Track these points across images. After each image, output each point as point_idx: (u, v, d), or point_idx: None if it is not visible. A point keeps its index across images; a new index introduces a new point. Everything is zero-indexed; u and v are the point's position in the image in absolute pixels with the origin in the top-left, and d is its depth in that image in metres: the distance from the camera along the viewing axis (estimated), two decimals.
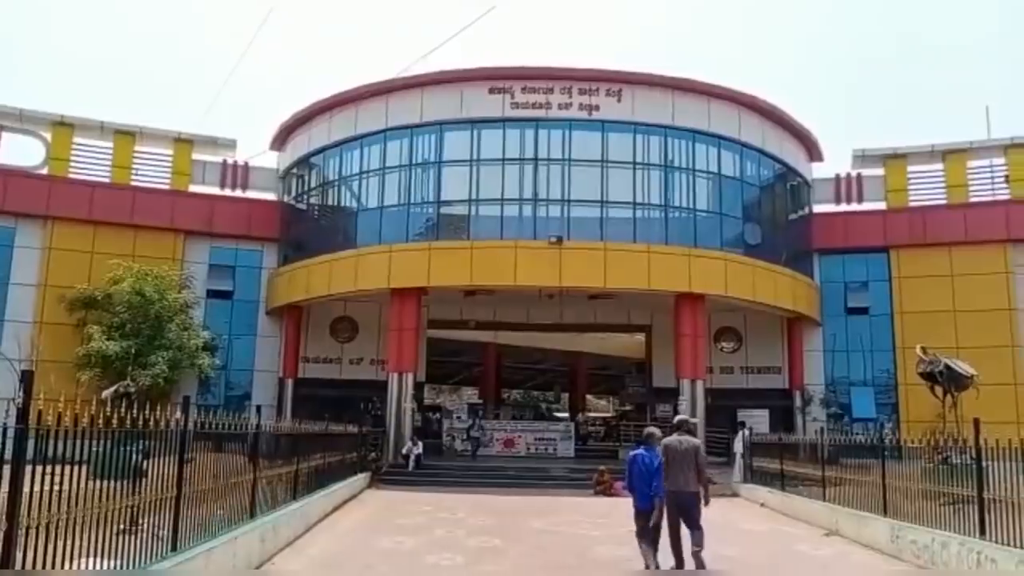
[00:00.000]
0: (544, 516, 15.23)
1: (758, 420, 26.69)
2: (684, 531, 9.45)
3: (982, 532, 9.15)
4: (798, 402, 28.53)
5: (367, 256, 25.94)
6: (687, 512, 9.43)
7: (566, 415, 43.71)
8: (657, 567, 8.94)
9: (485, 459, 25.31)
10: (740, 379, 29.72)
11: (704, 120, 26.75)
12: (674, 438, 9.76)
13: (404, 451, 23.15)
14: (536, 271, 24.30)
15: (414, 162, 26.78)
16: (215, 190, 30.68)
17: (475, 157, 26.16)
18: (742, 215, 27.69)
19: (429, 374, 33.97)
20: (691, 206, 26.80)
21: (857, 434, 15.68)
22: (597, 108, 26.03)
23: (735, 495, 19.94)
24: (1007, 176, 28.77)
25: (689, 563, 9.13)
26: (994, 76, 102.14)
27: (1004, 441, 8.96)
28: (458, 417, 31.47)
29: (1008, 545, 8.51)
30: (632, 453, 9.43)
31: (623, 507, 16.91)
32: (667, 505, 9.05)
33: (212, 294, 29.43)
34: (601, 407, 61.42)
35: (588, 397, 55.50)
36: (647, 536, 9.02)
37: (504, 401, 48.55)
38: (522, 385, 59.69)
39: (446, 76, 26.49)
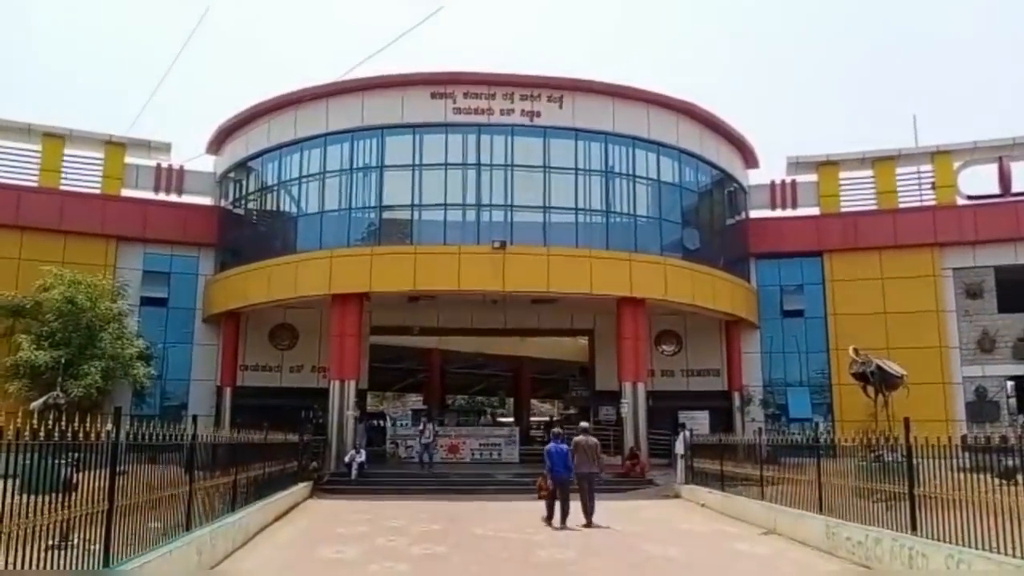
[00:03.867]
0: (488, 522, 15.20)
1: (698, 421, 27.17)
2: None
3: (913, 528, 9.43)
4: (737, 403, 29.09)
5: (307, 262, 25.57)
6: (589, 484, 14.78)
7: (511, 420, 43.78)
8: (551, 517, 14.54)
9: (429, 465, 25.14)
10: (681, 381, 30.18)
11: (643, 127, 27.14)
12: (581, 437, 15.31)
13: (346, 459, 22.84)
14: (480, 276, 24.29)
15: (355, 166, 26.53)
16: (149, 194, 29.90)
17: (417, 162, 26.03)
18: (681, 220, 28.12)
19: (372, 381, 33.65)
20: (631, 212, 27.12)
21: (794, 434, 16.01)
22: (539, 114, 26.17)
23: (677, 496, 20.22)
24: (934, 183, 29.88)
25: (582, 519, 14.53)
26: (923, 84, 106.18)
27: (933, 439, 9.23)
28: (402, 424, 31.20)
29: (938, 540, 8.79)
30: (548, 447, 15.43)
31: (575, 520, 17.03)
32: (577, 480, 14.64)
33: (146, 301, 28.62)
34: (545, 411, 61.75)
35: (533, 401, 55.75)
36: (557, 497, 14.56)
37: (449, 407, 48.39)
38: (467, 390, 59.62)
39: (387, 80, 26.33)
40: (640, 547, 12.16)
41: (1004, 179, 28.97)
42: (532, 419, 46.27)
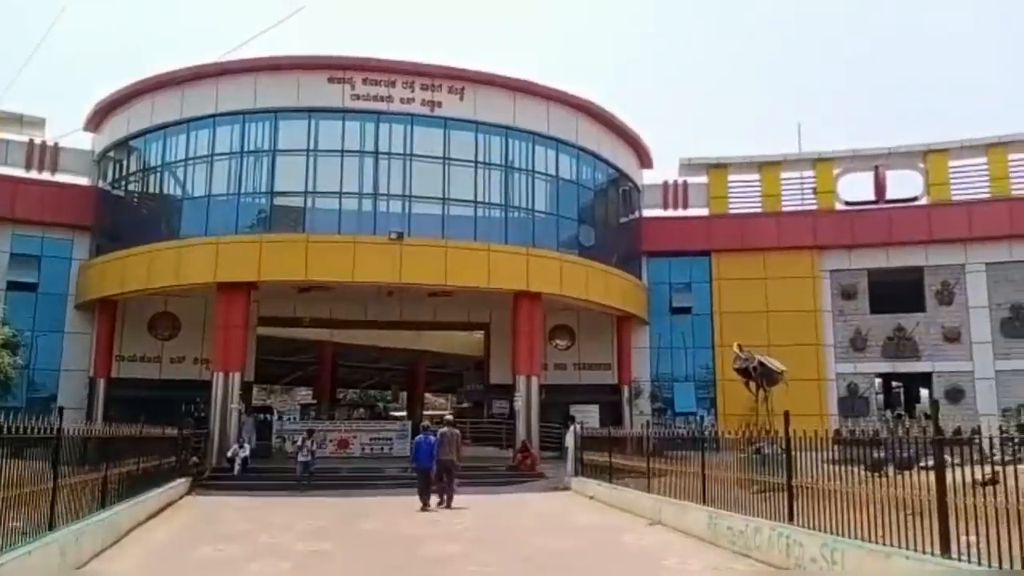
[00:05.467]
0: (377, 517, 14.91)
1: (589, 415, 27.59)
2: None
3: (791, 517, 9.77)
4: (626, 397, 29.73)
5: (191, 248, 24.44)
6: (450, 472, 16.37)
7: (404, 414, 43.33)
8: (428, 503, 15.97)
9: (317, 460, 24.43)
10: (573, 375, 30.61)
11: (543, 123, 27.30)
12: (445, 430, 16.92)
13: (229, 454, 21.96)
14: (375, 267, 23.84)
15: (246, 150, 25.51)
16: (20, 172, 27.86)
17: (312, 147, 25.29)
18: (578, 217, 28.50)
19: (259, 374, 32.57)
20: (530, 207, 27.23)
21: (679, 427, 16.44)
22: (440, 105, 25.90)
23: (567, 489, 20.41)
24: (815, 188, 31.36)
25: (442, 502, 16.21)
26: (810, 94, 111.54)
27: (810, 432, 9.57)
28: (289, 419, 30.31)
29: (813, 529, 9.14)
30: (416, 438, 17.17)
31: (458, 505, 16.95)
32: (438, 468, 16.17)
33: (13, 286, 26.73)
34: (440, 405, 61.47)
35: (427, 395, 55.40)
36: (423, 484, 16.14)
37: (340, 401, 47.48)
38: (359, 384, 58.64)
39: (282, 62, 25.48)
40: (529, 540, 12.17)
41: (879, 187, 30.70)
42: (426, 413, 45.94)
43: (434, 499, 16.21)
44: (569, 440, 21.77)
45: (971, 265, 28.94)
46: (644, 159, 32.59)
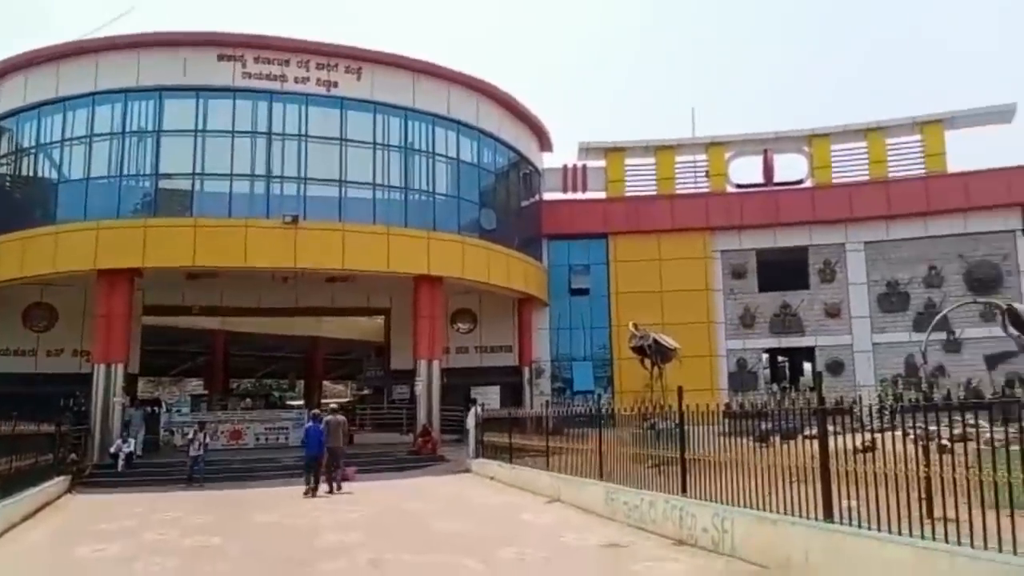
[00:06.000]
0: (272, 509, 14.48)
1: (490, 396, 27.71)
2: None
3: (684, 490, 10.03)
4: (527, 377, 29.99)
5: (69, 233, 22.99)
6: (337, 458, 17.03)
7: (301, 403, 42.34)
8: (315, 488, 16.24)
9: (208, 452, 23.55)
10: (475, 358, 30.62)
11: (444, 105, 26.97)
12: (332, 417, 17.55)
13: (112, 450, 20.86)
14: (269, 252, 23.10)
15: (128, 130, 24.12)
16: None
17: (201, 128, 24.16)
18: (479, 200, 28.37)
19: (146, 365, 31.19)
20: (430, 189, 26.90)
21: (578, 405, 16.63)
22: (336, 85, 25.20)
23: (467, 471, 20.42)
24: (707, 171, 32.28)
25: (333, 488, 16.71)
26: (703, 80, 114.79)
27: (702, 406, 9.81)
28: (178, 411, 29.10)
29: (706, 500, 9.41)
30: (306, 426, 17.92)
31: (357, 492, 16.71)
32: (328, 455, 16.73)
33: None
34: (339, 392, 60.47)
35: (326, 383, 54.37)
36: (312, 470, 16.50)
37: (233, 391, 45.95)
38: (254, 374, 56.93)
39: (168, 38, 24.20)
40: (429, 524, 12.07)
41: (768, 169, 31.87)
42: (325, 401, 45.07)
43: (324, 487, 16.54)
44: (470, 422, 21.78)
45: (851, 244, 30.44)
46: (545, 143, 32.75)
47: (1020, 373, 24.32)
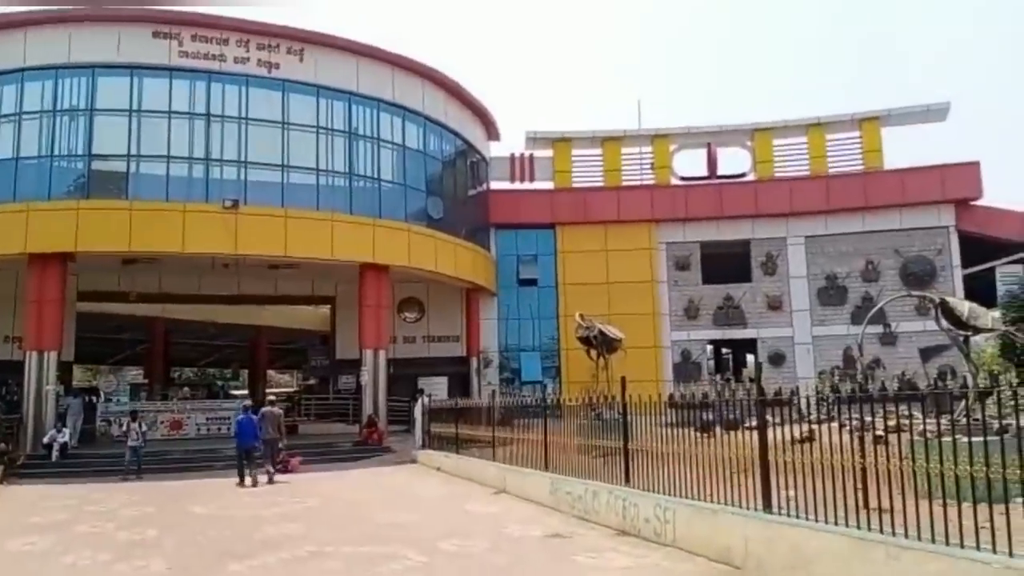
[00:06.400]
0: (212, 500, 14.15)
1: (438, 387, 27.55)
2: None
3: (627, 480, 10.07)
4: (475, 368, 29.90)
5: None
6: (272, 448, 17.38)
7: (245, 392, 41.55)
8: (245, 479, 16.43)
9: (147, 443, 22.96)
10: (422, 348, 30.42)
11: (389, 90, 26.62)
12: (267, 408, 17.88)
13: (46, 440, 20.15)
14: (208, 237, 22.51)
15: (59, 108, 23.23)
16: None
17: (136, 107, 23.43)
18: (425, 188, 28.09)
19: (82, 353, 30.24)
20: (376, 176, 26.53)
21: (525, 396, 16.61)
22: (277, 66, 24.65)
23: (414, 462, 20.28)
24: (653, 163, 32.52)
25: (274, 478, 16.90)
26: (649, 74, 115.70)
27: (646, 397, 9.83)
28: (116, 400, 28.26)
29: (648, 490, 9.45)
30: (239, 417, 17.65)
31: (300, 483, 16.45)
32: (264, 446, 17.05)
33: None
34: (285, 382, 59.58)
35: (271, 373, 53.49)
36: (245, 459, 16.65)
37: (174, 381, 44.85)
38: (197, 362, 55.69)
39: (101, 13, 23.35)
40: (372, 515, 11.92)
41: (711, 163, 32.25)
42: (269, 391, 44.32)
43: (263, 477, 16.69)
44: (417, 413, 21.64)
45: (792, 238, 31.02)
46: (492, 131, 32.60)
47: (953, 366, 25.19)
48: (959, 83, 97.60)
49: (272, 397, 21.19)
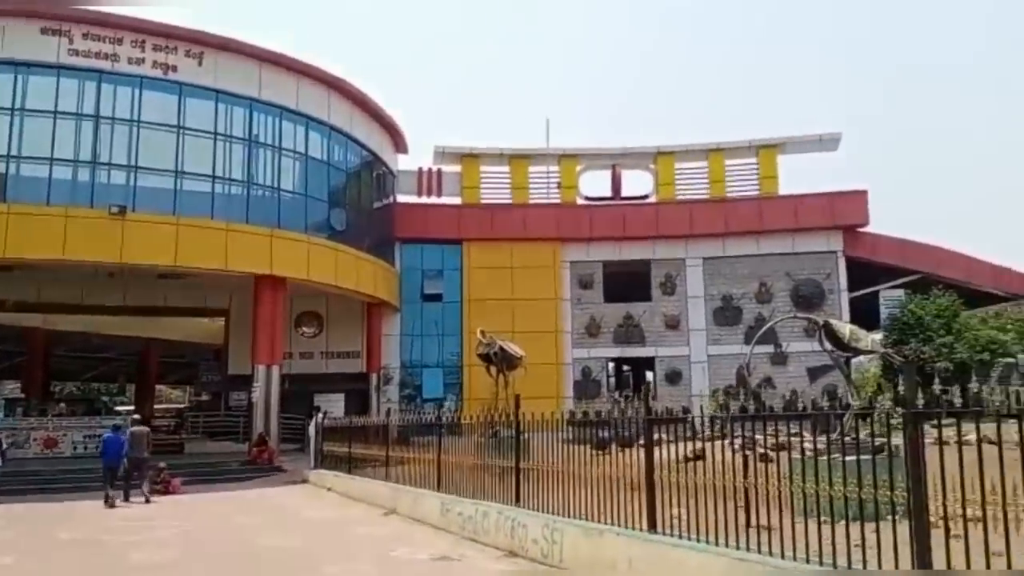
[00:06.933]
0: (80, 524, 13.21)
1: (335, 404, 26.88)
2: None
3: (517, 500, 9.90)
4: (374, 384, 29.30)
5: None
6: (140, 467, 16.89)
7: (131, 408, 39.50)
8: (111, 498, 15.78)
9: (17, 463, 21.41)
10: (320, 364, 29.68)
11: (292, 98, 25.99)
12: (135, 428, 17.55)
13: None
14: (92, 244, 21.35)
15: None
16: None
17: (18, 106, 22.14)
18: (328, 199, 27.49)
19: None
20: (275, 185, 25.81)
21: (427, 413, 16.28)
22: (175, 69, 23.71)
23: (305, 481, 19.61)
24: (559, 182, 32.83)
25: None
26: (558, 93, 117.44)
27: (546, 414, 9.54)
28: None
29: (538, 510, 9.30)
30: (106, 435, 17.14)
31: (181, 505, 15.62)
32: (128, 463, 16.53)
33: None
34: (176, 397, 57.18)
35: (161, 387, 51.22)
36: (109, 479, 16.05)
37: (55, 395, 42.27)
38: (80, 376, 52.73)
39: None
40: (254, 539, 11.36)
41: (616, 184, 32.80)
42: (158, 407, 42.33)
43: (138, 499, 16.30)
44: (311, 431, 20.96)
45: (690, 259, 31.81)
46: (399, 144, 32.26)
47: (838, 386, 26.22)
48: (850, 116, 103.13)
49: (138, 416, 20.61)
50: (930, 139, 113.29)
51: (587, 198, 32.94)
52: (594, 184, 33.12)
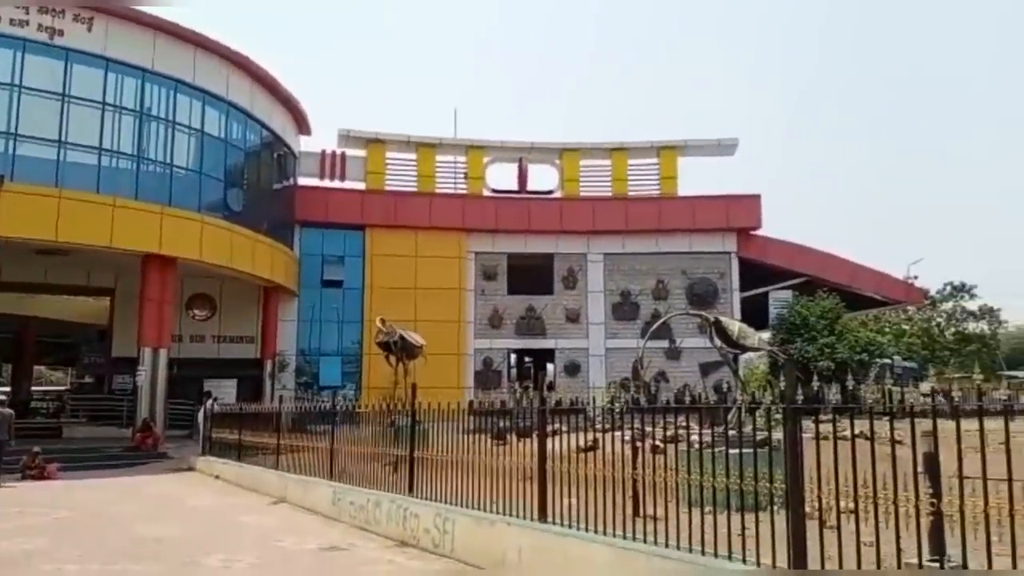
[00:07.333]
0: None
1: (227, 390, 26.05)
2: None
3: (411, 489, 9.81)
4: (269, 371, 28.54)
5: None
6: (2, 448, 16.36)
7: (6, 390, 37.12)
8: None
9: None
10: (211, 348, 28.68)
11: (189, 71, 24.92)
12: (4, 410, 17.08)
13: None
14: None
15: None
16: None
17: None
18: (225, 179, 26.55)
19: None
20: (168, 161, 24.69)
21: (323, 401, 15.94)
22: (61, 33, 22.33)
23: (191, 469, 18.94)
24: (466, 173, 32.74)
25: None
26: (466, 85, 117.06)
27: (444, 404, 9.41)
28: None
29: (431, 500, 9.24)
30: None
31: (55, 492, 14.78)
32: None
33: None
34: (57, 379, 54.22)
35: (40, 368, 48.45)
36: None
37: None
38: None
39: None
40: (133, 528, 10.84)
41: (522, 177, 32.97)
42: (37, 389, 40.00)
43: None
44: (200, 417, 20.24)
45: (592, 255, 32.35)
46: (302, 125, 31.43)
47: (728, 381, 27.22)
48: (749, 124, 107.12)
49: (3, 398, 19.28)
50: (825, 148, 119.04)
51: (494, 190, 33.00)
52: (501, 176, 33.23)
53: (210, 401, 20.40)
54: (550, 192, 33.20)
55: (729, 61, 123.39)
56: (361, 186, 32.01)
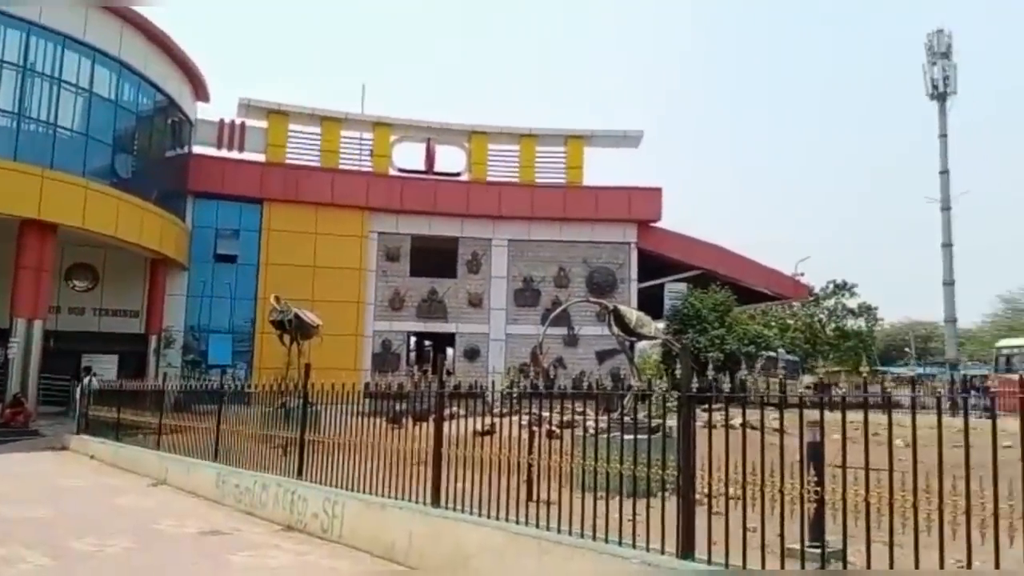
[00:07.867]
0: None
1: (108, 366, 24.79)
2: None
3: (300, 473, 9.51)
4: (154, 347, 27.27)
5: None
6: None
7: None
8: None
9: None
10: (92, 321, 27.19)
11: (79, 26, 23.41)
12: None
13: None
14: None
15: None
16: None
17: None
18: (113, 143, 25.14)
19: None
20: (52, 121, 23.11)
21: (211, 380, 15.30)
22: None
23: (65, 448, 17.89)
24: (372, 150, 32.04)
25: None
26: (375, 60, 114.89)
27: (338, 386, 9.21)
28: None
29: (320, 484, 8.97)
30: None
31: None
32: None
33: None
34: None
35: None
36: None
37: None
38: None
39: None
40: None
41: (430, 158, 32.55)
42: None
43: None
44: (78, 394, 19.12)
45: (497, 240, 32.31)
46: (200, 91, 30.05)
47: (624, 369, 27.79)
48: (650, 117, 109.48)
49: None
50: (728, 146, 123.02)
51: (400, 169, 32.46)
52: (408, 156, 32.73)
53: (88, 377, 19.33)
54: (457, 175, 32.92)
55: (633, 55, 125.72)
56: (261, 158, 30.87)
